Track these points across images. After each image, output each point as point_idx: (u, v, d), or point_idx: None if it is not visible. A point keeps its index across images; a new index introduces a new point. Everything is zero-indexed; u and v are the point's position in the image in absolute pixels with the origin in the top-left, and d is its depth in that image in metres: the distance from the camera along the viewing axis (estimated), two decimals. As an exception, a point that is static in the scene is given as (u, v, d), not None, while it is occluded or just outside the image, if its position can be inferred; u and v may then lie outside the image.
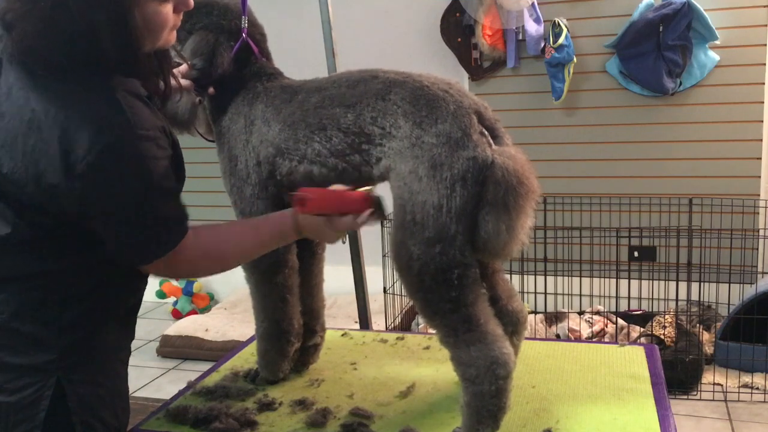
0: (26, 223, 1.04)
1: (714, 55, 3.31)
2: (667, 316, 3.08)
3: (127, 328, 1.23)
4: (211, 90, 1.50)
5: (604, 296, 3.35)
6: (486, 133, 1.26)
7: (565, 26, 3.37)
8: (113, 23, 0.99)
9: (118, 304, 1.18)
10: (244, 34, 1.50)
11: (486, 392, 1.26)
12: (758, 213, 3.36)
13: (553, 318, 3.27)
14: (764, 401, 2.75)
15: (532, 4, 3.41)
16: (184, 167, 1.19)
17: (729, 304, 3.08)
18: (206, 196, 3.42)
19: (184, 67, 1.48)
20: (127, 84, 1.06)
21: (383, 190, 1.41)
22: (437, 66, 3.62)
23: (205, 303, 4.13)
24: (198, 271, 1.21)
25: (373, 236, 2.75)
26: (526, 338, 1.56)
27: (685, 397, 2.81)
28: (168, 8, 1.07)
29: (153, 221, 1.07)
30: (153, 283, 1.25)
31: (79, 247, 1.09)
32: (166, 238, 1.09)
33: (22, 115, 1.00)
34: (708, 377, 2.88)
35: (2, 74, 1.04)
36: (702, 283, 2.98)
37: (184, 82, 1.46)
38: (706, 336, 3.11)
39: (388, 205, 1.30)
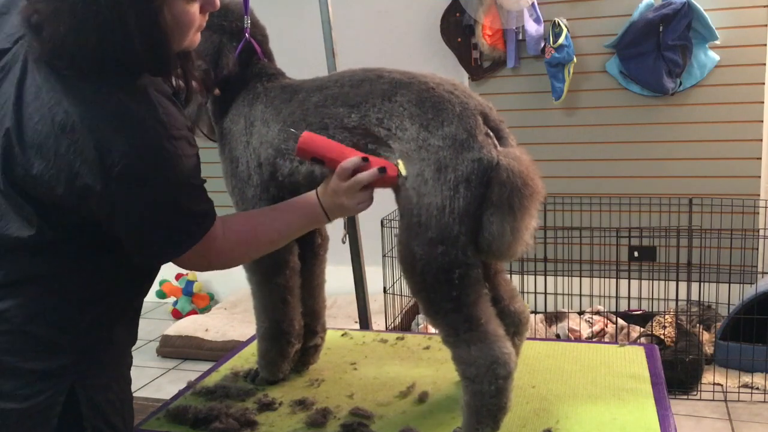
0: (50, 225, 1.04)
1: (714, 55, 3.31)
2: (667, 316, 3.08)
3: (132, 332, 1.23)
4: (216, 91, 1.50)
5: (604, 296, 3.35)
6: (491, 134, 1.26)
7: (565, 26, 3.37)
8: (143, 21, 0.98)
9: (128, 306, 1.18)
10: (246, 34, 1.50)
11: (486, 392, 1.26)
12: (758, 213, 3.36)
13: (553, 318, 3.27)
14: (764, 401, 2.75)
15: (532, 4, 3.41)
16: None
17: (729, 304, 3.08)
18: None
19: None
20: (156, 82, 1.06)
21: (382, 190, 1.41)
22: (437, 66, 3.62)
23: (205, 303, 4.13)
24: (231, 258, 1.20)
25: (373, 236, 2.75)
26: (526, 338, 1.56)
27: (685, 397, 2.81)
28: (195, 8, 1.06)
29: (185, 216, 1.07)
30: (153, 283, 1.24)
31: (96, 250, 1.08)
32: (196, 229, 1.09)
33: (54, 116, 0.99)
34: (708, 377, 2.88)
35: (28, 75, 1.02)
36: (702, 283, 2.98)
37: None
38: (706, 336, 3.11)
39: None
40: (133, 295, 1.19)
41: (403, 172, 1.27)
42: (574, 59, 3.37)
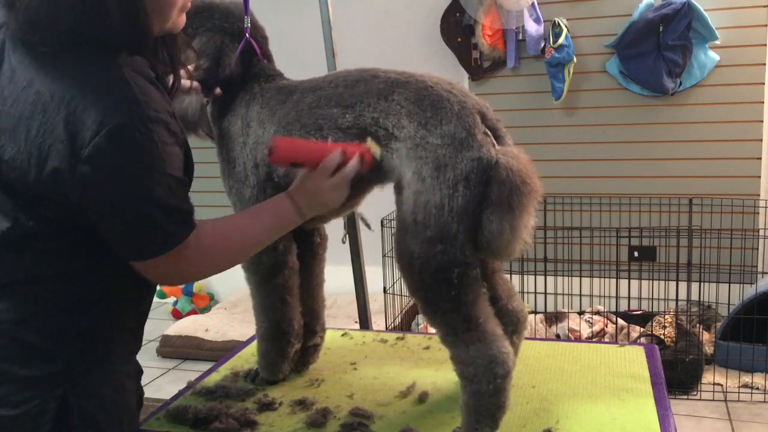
0: (26, 216, 0.99)
1: (714, 55, 3.31)
2: (667, 316, 3.08)
3: (133, 339, 1.18)
4: (218, 91, 1.50)
5: (604, 296, 3.35)
6: (489, 133, 1.26)
7: (565, 26, 3.37)
8: None
9: (125, 313, 1.14)
10: (247, 35, 1.50)
11: (484, 391, 1.26)
12: (758, 213, 3.36)
13: (553, 318, 3.27)
14: (764, 401, 2.75)
15: (532, 4, 3.41)
16: (193, 164, 1.14)
17: (729, 304, 3.08)
18: (206, 196, 3.42)
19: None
20: (135, 63, 1.01)
21: (383, 190, 1.41)
22: (437, 66, 3.62)
23: (205, 303, 4.14)
24: (201, 271, 1.12)
25: (373, 236, 2.75)
26: (526, 338, 1.56)
27: (685, 397, 2.81)
28: None
29: (158, 212, 0.99)
30: (155, 289, 1.21)
31: (87, 250, 1.04)
32: (171, 231, 1.01)
33: (26, 98, 0.95)
34: (708, 377, 2.88)
35: (5, 58, 0.99)
36: (702, 283, 2.98)
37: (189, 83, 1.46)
38: (706, 336, 3.11)
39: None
40: (131, 302, 1.14)
41: (377, 151, 1.27)
42: (574, 59, 3.37)
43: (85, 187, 0.95)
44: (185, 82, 1.39)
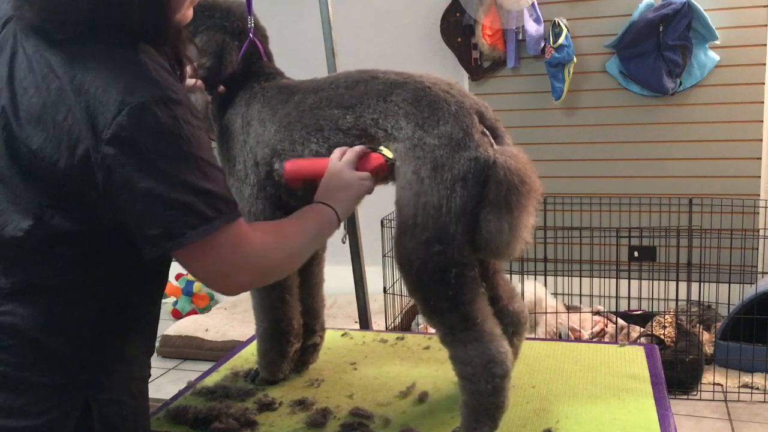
0: (52, 212, 0.95)
1: (714, 55, 3.31)
2: (667, 316, 3.08)
3: (148, 343, 1.16)
4: (221, 88, 1.51)
5: (604, 296, 3.35)
6: (487, 133, 1.26)
7: (565, 26, 3.37)
8: None
9: (143, 317, 1.12)
10: (251, 34, 1.50)
11: (483, 391, 1.26)
12: (758, 213, 3.36)
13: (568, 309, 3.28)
14: (764, 401, 2.75)
15: (532, 4, 3.41)
16: None
17: (729, 304, 3.08)
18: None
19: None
20: (150, 52, 0.99)
21: (383, 190, 1.41)
22: (437, 66, 3.63)
23: (205, 303, 4.13)
24: (255, 275, 1.04)
25: (373, 236, 2.75)
26: (526, 338, 1.56)
27: (685, 397, 2.81)
28: None
29: (188, 194, 0.93)
30: (164, 289, 1.19)
31: (109, 256, 1.01)
32: (205, 215, 0.94)
33: (48, 85, 0.93)
34: (708, 377, 2.88)
35: (18, 52, 0.98)
36: (702, 283, 2.98)
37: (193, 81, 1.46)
38: (706, 336, 3.11)
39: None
40: (147, 305, 1.13)
41: (390, 155, 1.29)
42: (574, 59, 3.37)
43: (109, 169, 0.91)
44: (189, 80, 1.40)
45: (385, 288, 2.96)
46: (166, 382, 3.19)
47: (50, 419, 0.98)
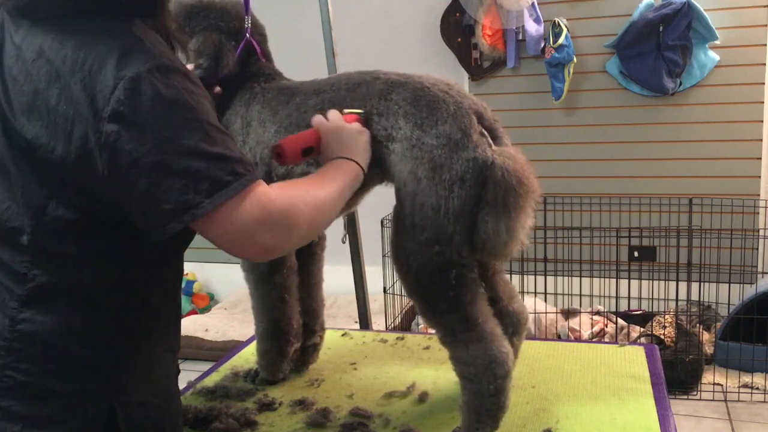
0: (56, 202, 0.93)
1: (714, 55, 3.31)
2: (667, 316, 3.08)
3: (173, 339, 1.13)
4: (217, 89, 1.50)
5: (604, 296, 3.35)
6: (486, 133, 1.26)
7: (565, 26, 3.38)
8: None
9: (163, 314, 1.09)
10: (248, 34, 1.50)
11: (485, 391, 1.26)
12: (758, 213, 3.36)
13: (566, 314, 3.28)
14: (764, 401, 2.76)
15: (532, 4, 3.41)
16: None
17: (729, 304, 3.08)
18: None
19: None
20: (143, 26, 0.96)
21: (382, 190, 1.41)
22: (437, 66, 3.63)
23: (205, 303, 4.14)
24: (281, 237, 0.96)
25: (373, 236, 2.75)
26: (526, 338, 1.56)
27: (685, 397, 2.81)
28: None
29: (197, 160, 0.88)
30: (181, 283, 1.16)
31: (123, 252, 0.98)
32: (219, 179, 0.89)
33: (38, 70, 0.90)
34: (708, 377, 2.88)
35: (6, 42, 0.95)
36: (702, 283, 2.99)
37: None
38: (706, 336, 3.11)
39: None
40: (166, 302, 1.09)
41: (359, 111, 1.29)
42: (574, 59, 3.37)
43: (113, 148, 0.87)
44: None
45: (385, 288, 2.96)
46: (166, 382, 3.19)
47: (76, 426, 0.96)
